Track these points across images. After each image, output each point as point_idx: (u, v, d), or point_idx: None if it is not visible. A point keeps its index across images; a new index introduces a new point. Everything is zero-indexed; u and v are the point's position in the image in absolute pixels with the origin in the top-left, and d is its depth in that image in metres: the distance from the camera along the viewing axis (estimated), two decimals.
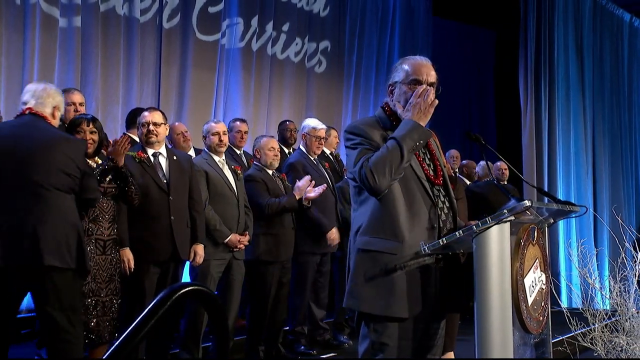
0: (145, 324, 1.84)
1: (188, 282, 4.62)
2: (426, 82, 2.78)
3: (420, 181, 2.75)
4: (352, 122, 2.94)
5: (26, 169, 3.50)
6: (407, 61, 2.85)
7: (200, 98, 7.23)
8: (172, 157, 4.56)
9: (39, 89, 3.66)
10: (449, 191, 2.85)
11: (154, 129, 4.46)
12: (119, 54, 6.54)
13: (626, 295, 3.91)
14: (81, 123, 4.02)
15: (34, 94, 3.64)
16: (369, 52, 9.13)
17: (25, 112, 3.63)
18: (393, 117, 2.85)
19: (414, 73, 2.80)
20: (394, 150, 2.64)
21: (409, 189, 2.73)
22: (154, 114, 4.55)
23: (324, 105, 8.58)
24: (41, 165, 3.51)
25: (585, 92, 9.95)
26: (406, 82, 2.80)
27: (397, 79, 2.83)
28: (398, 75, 2.83)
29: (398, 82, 2.83)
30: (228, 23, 7.55)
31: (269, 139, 5.35)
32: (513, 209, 2.50)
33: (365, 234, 2.74)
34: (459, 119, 11.53)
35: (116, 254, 4.04)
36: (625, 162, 10.90)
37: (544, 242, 2.87)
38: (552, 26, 9.38)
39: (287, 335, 5.54)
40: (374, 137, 2.75)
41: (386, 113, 2.88)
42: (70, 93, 4.88)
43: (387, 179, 2.63)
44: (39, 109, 3.62)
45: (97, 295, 3.86)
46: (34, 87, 3.71)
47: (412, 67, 2.82)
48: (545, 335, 2.85)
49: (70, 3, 6.16)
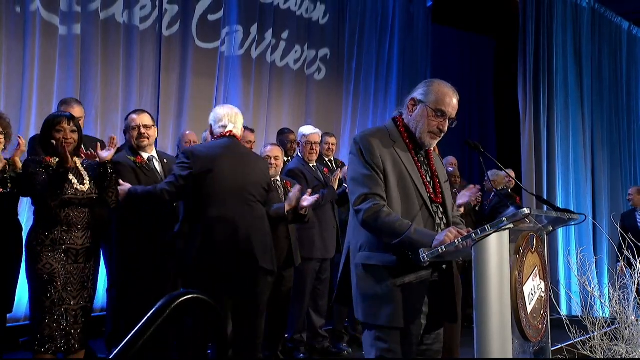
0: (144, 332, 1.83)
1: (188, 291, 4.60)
2: (449, 115, 2.84)
3: (422, 198, 2.80)
4: (363, 131, 2.95)
5: (239, 182, 4.10)
6: (436, 85, 2.87)
7: (200, 106, 7.23)
8: (163, 160, 4.50)
9: (233, 114, 4.24)
10: (447, 210, 2.91)
11: (145, 131, 4.37)
12: (118, 61, 6.55)
13: (625, 304, 3.90)
14: (61, 122, 3.87)
15: (230, 118, 4.22)
16: (369, 59, 9.14)
17: (226, 134, 4.19)
18: (406, 131, 2.89)
19: (441, 103, 2.83)
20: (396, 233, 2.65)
21: (410, 205, 2.77)
22: (142, 117, 4.42)
23: (323, 113, 8.59)
24: (249, 179, 4.16)
25: (584, 100, 9.96)
26: (432, 108, 2.83)
27: (423, 99, 2.85)
28: (425, 97, 2.85)
29: (424, 103, 2.85)
30: (227, 31, 7.57)
31: (272, 147, 5.35)
32: (512, 217, 2.50)
33: (365, 250, 2.79)
34: (458, 126, 11.53)
35: (88, 262, 3.89)
36: (624, 170, 10.90)
37: (543, 250, 2.87)
38: (551, 34, 9.40)
39: (286, 343, 5.52)
40: (380, 153, 2.76)
41: (397, 126, 2.92)
42: (70, 107, 4.74)
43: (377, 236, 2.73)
44: (235, 131, 4.22)
45: (67, 304, 3.75)
46: (227, 110, 4.26)
47: (440, 94, 2.84)
48: (545, 343, 2.84)
49: (70, 11, 6.18)
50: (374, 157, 2.76)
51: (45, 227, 3.78)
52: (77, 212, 3.84)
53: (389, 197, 2.75)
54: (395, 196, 2.75)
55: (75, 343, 3.79)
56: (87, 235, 3.88)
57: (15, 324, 5.32)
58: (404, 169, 2.80)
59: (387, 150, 2.80)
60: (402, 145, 2.85)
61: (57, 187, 3.72)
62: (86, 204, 3.88)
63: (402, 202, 2.76)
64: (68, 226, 3.80)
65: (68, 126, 3.88)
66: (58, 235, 3.78)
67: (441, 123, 2.84)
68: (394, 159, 2.79)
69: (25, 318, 5.30)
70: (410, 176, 2.80)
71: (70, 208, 3.81)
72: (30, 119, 5.85)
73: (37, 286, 3.75)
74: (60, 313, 3.74)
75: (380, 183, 2.74)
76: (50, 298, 3.71)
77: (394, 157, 2.80)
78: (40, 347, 3.68)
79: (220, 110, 4.28)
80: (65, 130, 3.86)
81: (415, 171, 2.83)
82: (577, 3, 10.03)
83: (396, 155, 2.81)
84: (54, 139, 3.83)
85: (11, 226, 4.17)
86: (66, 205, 3.79)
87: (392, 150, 2.81)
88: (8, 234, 4.15)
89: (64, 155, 3.70)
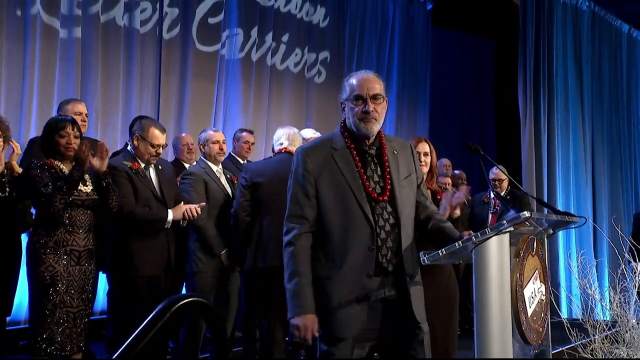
0: (144, 335, 1.83)
1: (187, 294, 4.61)
2: (366, 94, 2.79)
3: (357, 201, 2.73)
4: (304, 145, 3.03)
5: None
6: (349, 79, 2.87)
7: (200, 108, 7.24)
8: (157, 166, 4.46)
9: (291, 133, 4.76)
10: (397, 207, 2.77)
11: (161, 151, 4.40)
12: (119, 64, 6.55)
13: (626, 307, 3.90)
14: (66, 126, 3.87)
15: (287, 137, 4.72)
16: (369, 62, 9.14)
17: (282, 150, 4.68)
18: (347, 131, 2.86)
19: (354, 90, 2.81)
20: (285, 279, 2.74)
21: (345, 211, 2.73)
22: (165, 136, 4.44)
23: (323, 116, 8.58)
24: None
25: (584, 102, 9.97)
26: (351, 99, 2.82)
27: (343, 97, 2.86)
28: (344, 94, 2.86)
29: (346, 100, 2.85)
30: (228, 34, 7.57)
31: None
32: (512, 220, 2.50)
33: None
34: (458, 128, 11.56)
35: (90, 265, 3.90)
36: (624, 172, 10.90)
37: (543, 253, 2.87)
38: (551, 36, 9.41)
39: (286, 346, 5.51)
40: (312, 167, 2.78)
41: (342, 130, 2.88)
42: (78, 103, 4.85)
43: None
44: (290, 148, 4.64)
45: (68, 306, 3.75)
46: (285, 130, 4.80)
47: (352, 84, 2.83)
48: (545, 346, 2.84)
49: (70, 14, 6.18)
50: (305, 173, 2.79)
51: (48, 229, 3.77)
52: (81, 214, 3.85)
53: (323, 210, 2.75)
54: (330, 207, 2.74)
55: (75, 346, 3.79)
56: (89, 237, 3.89)
57: (15, 327, 5.31)
58: (339, 174, 2.77)
59: (322, 160, 2.80)
60: (343, 148, 2.82)
61: (70, 190, 3.74)
62: (89, 206, 3.89)
63: (338, 210, 2.73)
64: (71, 227, 3.81)
65: (72, 131, 3.89)
66: (61, 237, 3.78)
67: (363, 105, 2.78)
68: (330, 167, 2.79)
69: (25, 321, 5.30)
70: (345, 179, 2.76)
71: (73, 209, 3.81)
72: (31, 122, 5.85)
73: (38, 288, 3.74)
74: (60, 315, 3.74)
75: (306, 202, 2.76)
76: (51, 301, 3.71)
77: (330, 165, 2.79)
78: (40, 350, 3.68)
79: (280, 130, 4.83)
80: (69, 135, 3.88)
81: (353, 172, 2.77)
82: (577, 6, 10.04)
83: (332, 162, 2.79)
84: (58, 143, 3.86)
85: (10, 229, 4.17)
86: (70, 207, 3.80)
87: (329, 158, 2.80)
88: (7, 237, 4.14)
89: (83, 160, 3.77)
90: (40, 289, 3.73)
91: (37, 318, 3.73)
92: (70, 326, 3.76)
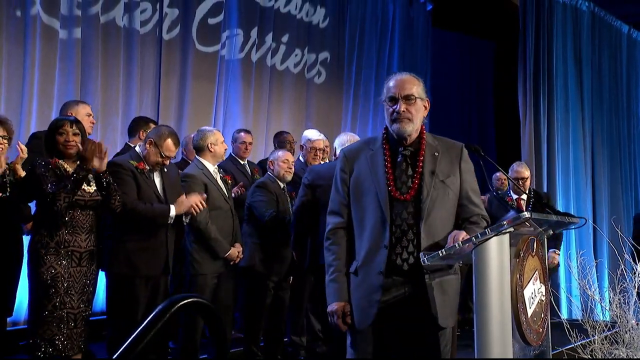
0: (144, 335, 1.83)
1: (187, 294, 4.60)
2: (398, 95, 2.85)
3: (377, 199, 2.80)
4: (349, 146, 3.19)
5: None
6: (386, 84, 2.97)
7: (200, 109, 7.24)
8: (162, 169, 4.47)
9: (350, 140, 4.69)
10: (421, 206, 2.78)
11: (167, 162, 4.41)
12: (119, 65, 6.56)
13: (626, 307, 3.90)
14: (64, 125, 3.91)
15: (347, 142, 4.62)
16: (369, 63, 9.15)
17: None
18: (386, 133, 2.96)
19: (387, 92, 2.91)
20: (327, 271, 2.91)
21: (365, 209, 2.84)
22: (177, 149, 4.49)
23: (323, 116, 8.59)
24: None
25: (584, 103, 9.97)
26: (386, 100, 2.91)
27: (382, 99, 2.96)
28: (381, 97, 2.96)
29: (383, 102, 2.94)
30: (228, 34, 7.58)
31: (285, 152, 5.36)
32: (512, 221, 2.50)
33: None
34: (458, 129, 11.55)
35: (91, 266, 3.92)
36: (624, 173, 10.90)
37: (543, 254, 2.86)
38: (551, 37, 9.42)
39: (286, 347, 5.51)
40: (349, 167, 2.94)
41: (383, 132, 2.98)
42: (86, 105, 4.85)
43: None
44: None
45: (68, 307, 3.76)
46: (345, 137, 4.80)
47: (386, 87, 2.94)
48: (545, 347, 2.84)
49: (70, 15, 6.18)
50: (342, 172, 2.96)
51: (49, 230, 3.78)
52: (83, 214, 3.87)
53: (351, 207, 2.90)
54: (356, 205, 2.88)
55: (75, 346, 3.79)
56: (90, 237, 3.90)
57: (16, 327, 5.31)
58: (368, 174, 2.88)
59: (358, 160, 2.94)
60: (379, 148, 2.92)
61: (74, 189, 3.74)
62: (91, 206, 3.90)
63: (361, 208, 2.86)
64: (73, 228, 3.82)
65: (70, 129, 3.90)
66: (63, 238, 3.79)
67: (395, 106, 2.85)
68: (364, 167, 2.90)
69: (24, 322, 5.29)
70: (372, 179, 2.85)
71: (76, 210, 3.83)
72: (31, 123, 5.85)
73: (38, 289, 3.75)
74: (61, 316, 3.74)
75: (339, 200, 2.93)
76: (52, 301, 3.72)
77: (364, 165, 2.91)
78: (40, 351, 3.68)
79: (343, 136, 4.91)
80: (67, 133, 3.89)
81: (380, 171, 2.84)
82: (577, 6, 10.05)
83: (366, 162, 2.90)
84: (57, 141, 3.88)
85: (11, 230, 4.17)
86: (72, 207, 3.80)
87: (365, 158, 2.92)
88: (8, 238, 4.14)
89: (88, 159, 3.78)
90: (41, 290, 3.73)
91: (37, 319, 3.74)
92: (70, 327, 3.77)
